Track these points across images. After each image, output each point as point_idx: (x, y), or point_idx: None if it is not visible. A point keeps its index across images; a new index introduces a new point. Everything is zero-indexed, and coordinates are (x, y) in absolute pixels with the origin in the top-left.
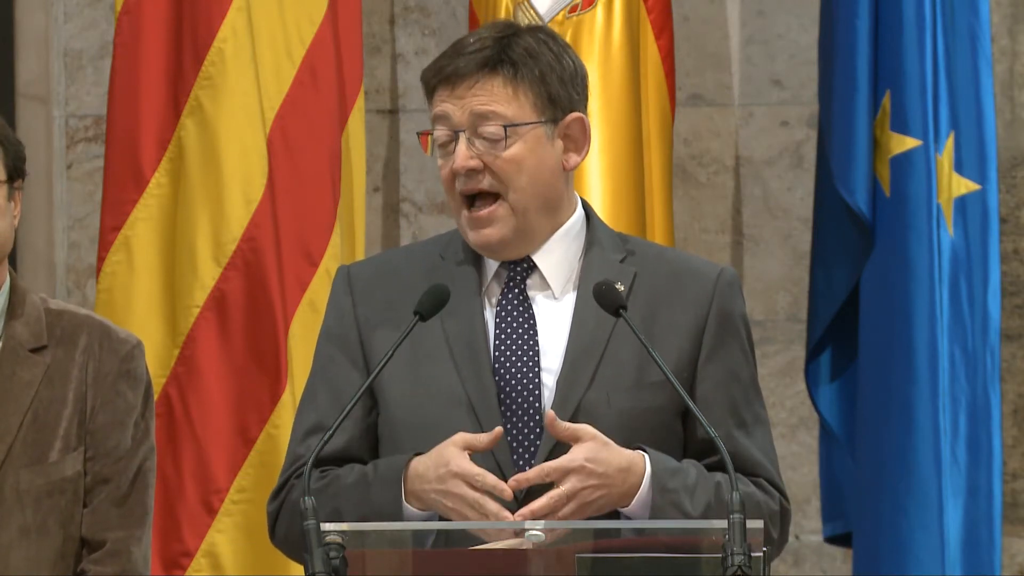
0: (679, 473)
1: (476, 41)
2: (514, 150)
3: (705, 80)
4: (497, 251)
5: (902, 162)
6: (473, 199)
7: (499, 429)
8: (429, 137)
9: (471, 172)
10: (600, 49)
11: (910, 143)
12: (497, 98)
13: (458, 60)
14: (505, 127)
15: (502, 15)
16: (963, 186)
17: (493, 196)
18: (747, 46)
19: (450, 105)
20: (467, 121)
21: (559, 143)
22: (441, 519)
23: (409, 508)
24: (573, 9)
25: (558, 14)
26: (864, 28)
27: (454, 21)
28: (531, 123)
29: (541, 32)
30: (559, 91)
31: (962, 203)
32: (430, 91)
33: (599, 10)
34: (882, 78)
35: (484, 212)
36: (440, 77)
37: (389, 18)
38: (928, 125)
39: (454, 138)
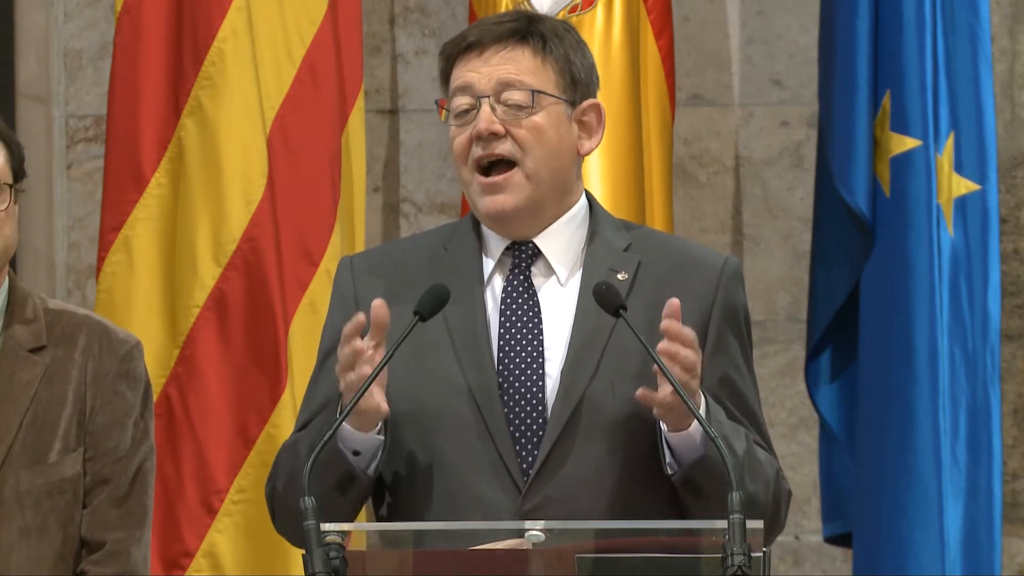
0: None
1: (502, 17)
2: (537, 119)
3: (705, 80)
4: (508, 222)
5: (902, 162)
6: (488, 169)
7: (361, 316)
8: (444, 110)
9: (492, 137)
10: (600, 49)
11: (910, 143)
12: (524, 67)
13: (484, 29)
14: (533, 93)
15: None
16: (963, 186)
17: (508, 164)
18: (747, 46)
19: (474, 73)
20: (492, 88)
21: (575, 127)
22: (390, 445)
23: (344, 424)
24: (573, 9)
25: (558, 14)
26: (864, 28)
27: (454, 21)
28: (555, 96)
29: (563, 23)
30: (581, 75)
31: (962, 203)
32: (450, 62)
33: (599, 10)
34: (882, 78)
35: (500, 178)
36: (465, 44)
37: (389, 18)
38: (928, 125)
39: (475, 106)
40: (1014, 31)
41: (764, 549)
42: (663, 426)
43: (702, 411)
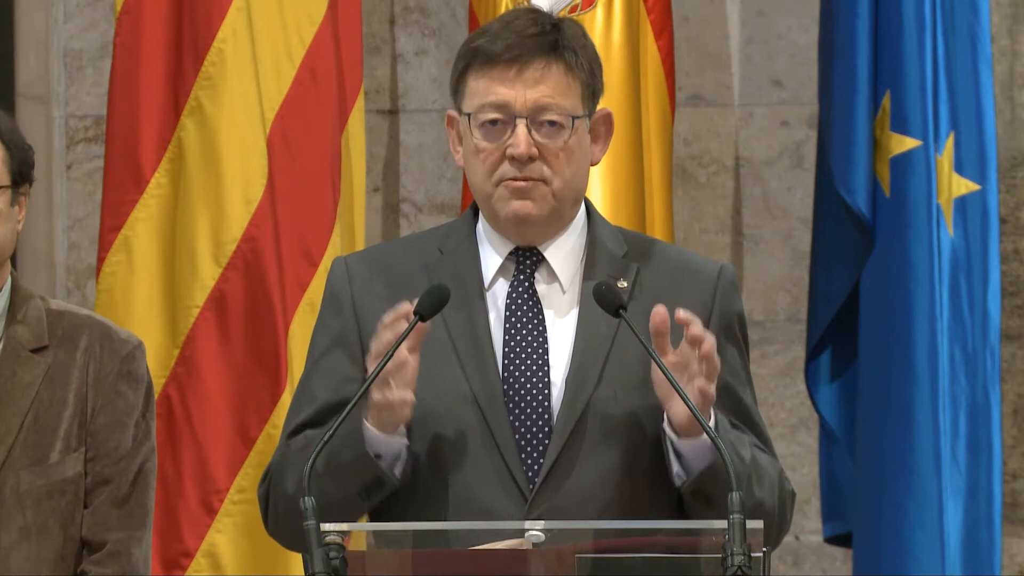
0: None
1: (531, 22)
2: (571, 142)
3: (705, 80)
4: (528, 227)
5: (902, 162)
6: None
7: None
8: (463, 115)
9: (528, 160)
10: (600, 49)
11: (910, 143)
12: (559, 88)
13: (515, 41)
14: (573, 119)
15: None
16: (963, 186)
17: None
18: (747, 46)
19: (509, 91)
20: (529, 110)
21: (588, 137)
22: (410, 452)
23: (368, 427)
24: (573, 9)
25: (558, 14)
26: (864, 28)
27: (454, 21)
28: (583, 116)
29: (579, 25)
30: (599, 85)
31: (962, 203)
32: (470, 70)
33: (599, 10)
34: (882, 78)
35: (530, 183)
36: (496, 57)
37: (389, 18)
38: (928, 125)
39: (508, 122)
40: (1014, 31)
41: (764, 549)
42: (672, 436)
43: (712, 421)
